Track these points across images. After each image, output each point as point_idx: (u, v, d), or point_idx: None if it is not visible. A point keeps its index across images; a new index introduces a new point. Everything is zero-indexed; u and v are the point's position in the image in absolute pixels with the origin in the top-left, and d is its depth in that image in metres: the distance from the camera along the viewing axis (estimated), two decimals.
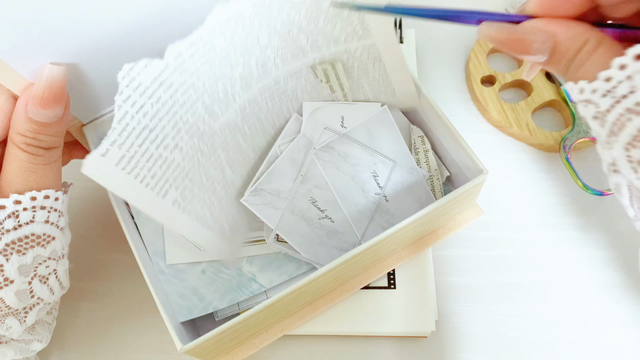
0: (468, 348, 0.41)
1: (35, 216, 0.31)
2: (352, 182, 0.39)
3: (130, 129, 0.28)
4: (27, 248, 0.31)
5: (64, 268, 0.35)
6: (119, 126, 0.27)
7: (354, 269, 0.37)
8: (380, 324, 0.40)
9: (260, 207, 0.38)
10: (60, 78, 0.30)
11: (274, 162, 0.39)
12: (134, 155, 0.29)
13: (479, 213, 0.41)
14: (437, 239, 0.40)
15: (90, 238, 0.46)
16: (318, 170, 0.38)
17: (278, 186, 0.38)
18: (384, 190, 0.39)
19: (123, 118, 0.27)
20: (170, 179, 0.31)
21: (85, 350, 0.43)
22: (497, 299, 0.43)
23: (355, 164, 0.39)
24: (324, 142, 0.39)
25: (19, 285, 0.31)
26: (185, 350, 0.32)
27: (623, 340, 0.41)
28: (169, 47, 0.29)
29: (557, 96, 0.49)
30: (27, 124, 0.30)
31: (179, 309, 0.37)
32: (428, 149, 0.40)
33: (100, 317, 0.44)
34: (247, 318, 0.32)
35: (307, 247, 0.38)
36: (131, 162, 0.29)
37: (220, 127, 0.35)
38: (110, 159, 0.28)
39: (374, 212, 0.38)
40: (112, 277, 0.45)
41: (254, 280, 0.38)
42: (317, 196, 0.38)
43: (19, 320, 0.33)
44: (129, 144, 0.28)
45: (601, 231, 0.44)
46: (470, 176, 0.37)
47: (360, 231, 0.38)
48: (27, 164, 0.31)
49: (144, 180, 0.30)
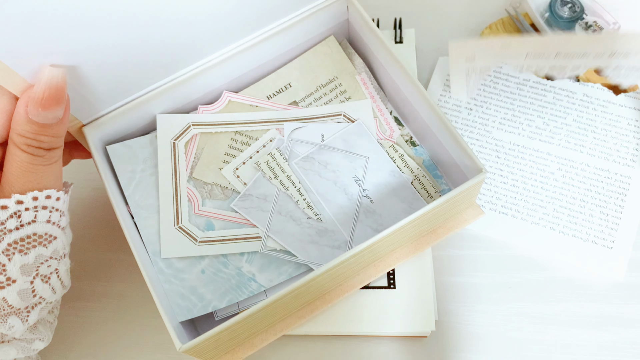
0: (468, 348, 0.41)
1: (37, 216, 0.31)
2: (335, 187, 0.40)
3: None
4: (29, 248, 0.31)
5: (65, 267, 0.35)
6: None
7: (353, 269, 0.37)
8: (380, 324, 0.40)
9: (249, 210, 0.39)
10: (60, 79, 0.30)
11: (259, 172, 0.40)
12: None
13: (478, 213, 0.41)
14: (437, 239, 0.40)
15: (90, 238, 0.46)
16: (300, 177, 0.40)
17: (265, 191, 0.40)
18: (367, 192, 0.40)
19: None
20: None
21: (86, 350, 0.43)
22: (497, 299, 0.43)
23: (336, 170, 0.40)
24: (304, 153, 0.40)
25: (21, 284, 0.32)
26: (184, 350, 0.32)
27: (623, 341, 0.41)
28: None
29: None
30: (28, 125, 0.30)
31: (178, 308, 0.37)
32: (402, 154, 0.41)
33: (100, 316, 0.44)
34: (246, 317, 0.32)
35: (299, 246, 0.38)
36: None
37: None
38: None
39: (359, 213, 0.39)
40: (111, 277, 0.45)
41: (253, 280, 0.38)
42: (302, 198, 0.39)
43: (21, 320, 0.33)
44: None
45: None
46: (469, 175, 0.37)
47: (348, 231, 0.39)
48: (28, 164, 0.31)
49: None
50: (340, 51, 0.44)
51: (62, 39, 0.30)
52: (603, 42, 0.34)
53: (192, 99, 0.42)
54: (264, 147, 0.41)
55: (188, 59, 0.39)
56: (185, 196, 0.39)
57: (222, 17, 0.36)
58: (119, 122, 0.39)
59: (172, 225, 0.39)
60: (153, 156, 0.40)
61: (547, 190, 0.46)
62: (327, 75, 0.44)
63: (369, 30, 0.41)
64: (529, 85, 0.50)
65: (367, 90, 0.43)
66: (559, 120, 0.48)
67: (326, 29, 0.44)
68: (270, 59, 0.43)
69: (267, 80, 0.43)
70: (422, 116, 0.40)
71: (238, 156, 0.41)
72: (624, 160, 0.46)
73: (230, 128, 0.41)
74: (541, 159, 0.47)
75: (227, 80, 0.42)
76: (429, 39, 0.54)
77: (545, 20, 0.51)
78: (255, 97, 0.43)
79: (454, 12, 0.56)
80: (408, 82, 0.39)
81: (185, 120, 0.41)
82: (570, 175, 0.46)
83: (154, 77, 0.38)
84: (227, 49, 0.40)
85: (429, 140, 0.41)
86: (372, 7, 0.53)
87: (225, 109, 0.42)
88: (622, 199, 0.45)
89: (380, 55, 0.41)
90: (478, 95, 0.50)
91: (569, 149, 0.47)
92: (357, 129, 0.42)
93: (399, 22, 0.52)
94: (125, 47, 0.34)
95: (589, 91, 0.49)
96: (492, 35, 0.52)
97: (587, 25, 0.49)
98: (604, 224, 0.44)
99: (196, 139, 0.41)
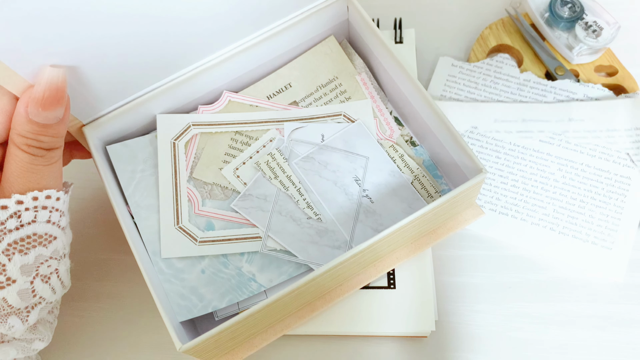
0: (468, 348, 0.41)
1: (37, 216, 0.31)
2: (335, 187, 0.40)
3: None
4: (29, 248, 0.31)
5: (65, 267, 0.35)
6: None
7: (353, 269, 0.37)
8: (380, 324, 0.40)
9: (249, 210, 0.39)
10: (60, 80, 0.30)
11: (259, 172, 0.40)
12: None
13: (478, 213, 0.41)
14: (437, 239, 0.40)
15: (90, 238, 0.46)
16: (301, 177, 0.40)
17: (265, 191, 0.40)
18: (367, 192, 0.40)
19: None
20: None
21: (86, 350, 0.43)
22: (497, 299, 0.43)
23: (336, 170, 0.40)
24: (304, 154, 0.40)
25: (21, 284, 0.31)
26: (185, 350, 0.32)
27: (623, 341, 0.41)
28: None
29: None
30: (28, 125, 0.30)
31: (178, 308, 0.37)
32: (402, 154, 0.41)
33: (99, 316, 0.44)
34: (246, 317, 0.32)
35: (299, 246, 0.38)
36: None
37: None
38: None
39: (359, 213, 0.39)
40: (111, 277, 0.45)
41: (253, 280, 0.38)
42: (302, 198, 0.39)
43: (21, 320, 0.33)
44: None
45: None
46: (469, 175, 0.37)
47: (348, 231, 0.39)
48: (28, 164, 0.31)
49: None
50: (340, 51, 0.44)
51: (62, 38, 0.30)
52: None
53: (192, 99, 0.42)
54: (264, 147, 0.41)
55: (188, 59, 0.39)
56: (186, 196, 0.39)
57: (223, 17, 0.36)
58: (119, 122, 0.39)
59: (172, 225, 0.39)
60: (153, 156, 0.40)
61: (547, 191, 0.46)
62: (327, 75, 0.44)
63: (369, 31, 0.41)
64: (529, 85, 0.50)
65: (367, 90, 0.43)
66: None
67: (326, 29, 0.44)
68: (270, 59, 0.43)
69: (267, 80, 0.43)
70: (422, 116, 0.40)
71: (238, 156, 0.41)
72: (623, 161, 0.46)
73: (231, 128, 0.41)
74: (541, 160, 0.47)
75: (227, 80, 0.42)
76: (429, 39, 0.54)
77: (545, 20, 0.51)
78: (255, 97, 0.43)
79: (454, 12, 0.56)
80: (408, 82, 0.39)
81: (185, 120, 0.41)
82: (570, 175, 0.46)
83: (154, 77, 0.38)
84: (227, 49, 0.40)
85: (429, 140, 0.41)
86: (371, 7, 0.53)
87: (225, 109, 0.42)
88: (622, 199, 0.45)
89: (381, 55, 0.41)
90: (478, 95, 0.50)
91: (569, 150, 0.47)
92: (357, 129, 0.42)
93: (399, 22, 0.52)
94: (126, 47, 0.34)
95: (590, 92, 0.49)
96: (492, 35, 0.52)
97: (587, 25, 0.49)
98: (603, 224, 0.44)
99: (196, 139, 0.41)
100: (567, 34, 0.50)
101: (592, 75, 0.50)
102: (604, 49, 0.50)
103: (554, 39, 0.50)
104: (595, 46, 0.49)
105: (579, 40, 0.49)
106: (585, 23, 0.49)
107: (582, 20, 0.50)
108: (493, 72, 0.51)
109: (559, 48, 0.50)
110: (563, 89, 0.49)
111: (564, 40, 0.50)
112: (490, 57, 0.52)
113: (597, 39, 0.49)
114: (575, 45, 0.49)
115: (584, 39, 0.49)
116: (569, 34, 0.50)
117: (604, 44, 0.49)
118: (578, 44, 0.49)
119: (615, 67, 0.50)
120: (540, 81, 0.50)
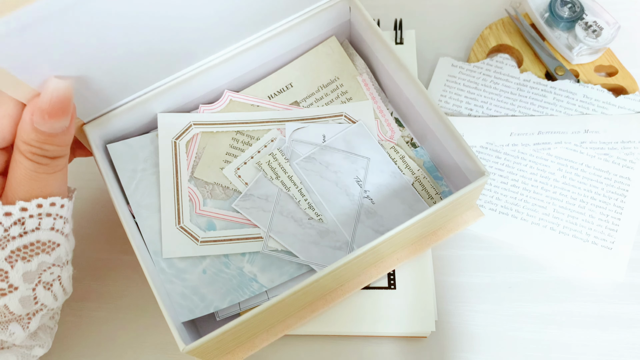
0: (468, 348, 0.42)
1: (41, 223, 0.31)
2: (336, 187, 0.40)
3: None
4: (32, 255, 0.31)
5: (67, 274, 0.35)
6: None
7: (355, 270, 0.37)
8: (380, 324, 0.40)
9: (251, 210, 0.39)
10: (66, 90, 0.30)
11: (261, 172, 0.40)
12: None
13: (478, 215, 0.41)
14: (437, 240, 0.40)
15: (92, 238, 0.46)
16: (302, 177, 0.40)
17: (266, 191, 0.40)
18: (368, 193, 0.40)
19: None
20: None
21: (87, 351, 0.43)
22: (497, 299, 0.43)
23: (337, 171, 0.40)
24: (306, 154, 0.40)
25: (23, 291, 0.31)
26: (188, 351, 0.32)
27: (623, 341, 0.41)
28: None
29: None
30: (33, 134, 0.30)
31: (180, 308, 0.37)
32: (403, 155, 0.41)
33: (101, 317, 0.44)
34: (249, 319, 0.32)
35: (300, 246, 0.38)
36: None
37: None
38: None
39: (360, 214, 0.39)
40: (113, 277, 0.45)
41: (254, 280, 0.38)
42: (303, 199, 0.39)
43: (22, 326, 0.33)
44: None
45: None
46: (471, 178, 0.37)
47: (349, 232, 0.39)
48: (33, 172, 0.30)
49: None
50: (341, 52, 0.44)
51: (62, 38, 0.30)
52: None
53: (193, 98, 0.42)
54: (266, 147, 0.41)
55: (190, 59, 0.38)
56: (187, 196, 0.39)
57: (225, 17, 0.36)
58: (120, 120, 0.39)
59: (174, 225, 0.38)
60: (154, 155, 0.40)
61: (547, 191, 0.46)
62: (329, 75, 0.44)
63: (371, 31, 0.41)
64: (529, 85, 0.50)
65: (368, 91, 0.43)
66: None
67: (328, 30, 0.43)
68: (271, 59, 0.43)
69: (269, 80, 0.43)
70: (423, 117, 0.40)
71: (239, 156, 0.41)
72: (623, 161, 0.46)
73: (232, 128, 0.41)
74: (541, 160, 0.47)
75: (228, 80, 0.42)
76: (430, 39, 0.54)
77: (545, 20, 0.51)
78: (256, 96, 0.43)
79: (454, 13, 0.56)
80: (410, 84, 0.39)
81: (186, 119, 0.41)
82: (570, 176, 0.46)
83: (155, 76, 0.38)
84: (229, 49, 0.40)
85: (429, 141, 0.41)
86: (371, 7, 0.53)
87: (226, 109, 0.42)
88: (621, 199, 0.45)
89: (382, 56, 0.41)
90: (479, 95, 0.50)
91: (569, 150, 0.47)
92: (358, 129, 0.42)
93: (400, 23, 0.52)
94: (127, 46, 0.33)
95: (589, 92, 0.49)
96: (492, 36, 0.52)
97: (587, 25, 0.49)
98: (603, 224, 0.45)
99: (197, 139, 0.41)
100: (567, 34, 0.50)
101: (592, 75, 0.50)
102: (604, 49, 0.50)
103: (554, 39, 0.50)
104: (595, 46, 0.49)
105: (579, 40, 0.49)
106: (585, 23, 0.50)
107: (582, 20, 0.50)
108: (493, 72, 0.51)
109: (559, 48, 0.51)
110: (563, 90, 0.49)
111: (564, 40, 0.50)
112: (490, 57, 0.52)
113: (597, 39, 0.49)
114: (575, 45, 0.49)
115: (584, 39, 0.49)
116: (569, 34, 0.50)
117: (604, 44, 0.49)
118: (578, 44, 0.49)
119: (615, 67, 0.50)
120: (540, 81, 0.50)
